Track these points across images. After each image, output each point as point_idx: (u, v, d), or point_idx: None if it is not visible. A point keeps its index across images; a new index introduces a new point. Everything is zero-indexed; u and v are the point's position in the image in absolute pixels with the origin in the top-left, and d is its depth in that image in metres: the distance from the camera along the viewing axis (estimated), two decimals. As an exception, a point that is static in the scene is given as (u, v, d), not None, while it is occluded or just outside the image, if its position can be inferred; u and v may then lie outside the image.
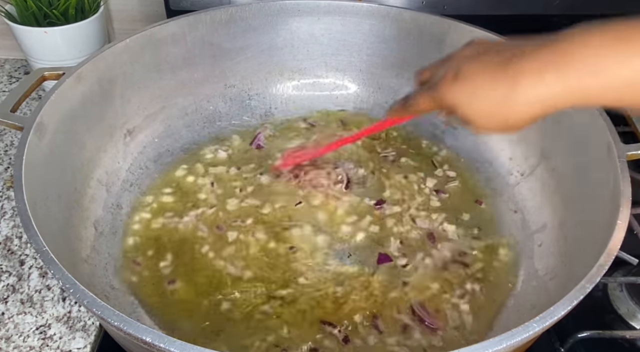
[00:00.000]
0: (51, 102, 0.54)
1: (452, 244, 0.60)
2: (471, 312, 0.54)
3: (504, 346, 0.35)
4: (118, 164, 0.64)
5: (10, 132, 0.78)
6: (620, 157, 0.50)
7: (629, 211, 0.45)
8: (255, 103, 0.77)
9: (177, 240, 0.59)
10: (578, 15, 0.81)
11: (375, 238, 0.60)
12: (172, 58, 0.69)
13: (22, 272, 0.60)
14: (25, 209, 0.43)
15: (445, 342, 0.51)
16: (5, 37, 0.87)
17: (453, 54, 0.45)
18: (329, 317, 0.52)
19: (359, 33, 0.74)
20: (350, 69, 0.77)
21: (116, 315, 0.36)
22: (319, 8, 0.73)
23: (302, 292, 0.54)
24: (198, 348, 0.33)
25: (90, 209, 0.58)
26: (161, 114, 0.70)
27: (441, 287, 0.55)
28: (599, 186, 0.51)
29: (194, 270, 0.57)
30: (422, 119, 0.74)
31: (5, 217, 0.66)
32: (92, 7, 0.78)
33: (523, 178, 0.65)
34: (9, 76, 0.90)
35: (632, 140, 0.53)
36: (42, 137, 0.52)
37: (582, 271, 0.41)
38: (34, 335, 0.54)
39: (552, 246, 0.56)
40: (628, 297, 0.57)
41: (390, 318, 0.53)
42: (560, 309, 0.38)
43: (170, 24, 0.67)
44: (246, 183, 0.66)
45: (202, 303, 0.53)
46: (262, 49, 0.75)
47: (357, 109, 0.78)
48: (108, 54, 0.62)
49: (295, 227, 0.60)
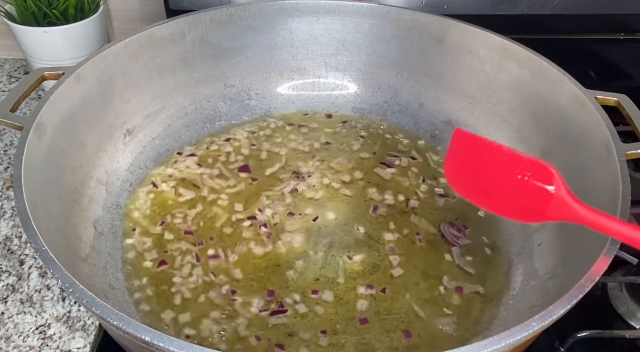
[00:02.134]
0: (51, 102, 0.54)
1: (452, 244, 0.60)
2: (471, 312, 0.54)
3: (504, 345, 0.35)
4: (118, 164, 0.64)
5: (10, 132, 0.78)
6: (620, 157, 0.50)
7: (628, 210, 0.45)
8: (255, 103, 0.77)
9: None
10: (578, 15, 0.82)
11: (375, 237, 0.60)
12: (172, 58, 0.69)
13: (22, 272, 0.60)
14: (25, 209, 0.43)
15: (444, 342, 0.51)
16: (5, 37, 0.87)
17: None
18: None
19: (359, 33, 0.74)
20: (350, 69, 0.77)
21: (116, 315, 0.36)
22: (319, 8, 0.73)
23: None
24: (198, 348, 0.33)
25: (90, 209, 0.58)
26: (161, 114, 0.70)
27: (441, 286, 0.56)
28: (599, 186, 0.51)
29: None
30: (422, 119, 0.74)
31: (5, 217, 0.66)
32: (92, 7, 0.78)
33: (523, 178, 0.65)
34: (9, 76, 0.90)
35: (632, 140, 0.52)
36: (42, 137, 0.52)
37: (582, 271, 0.41)
38: (34, 335, 0.54)
39: (551, 246, 0.56)
40: (628, 297, 0.57)
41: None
42: (560, 309, 0.38)
43: (170, 24, 0.67)
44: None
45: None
46: (262, 49, 0.75)
47: (357, 109, 0.78)
48: (108, 54, 0.62)
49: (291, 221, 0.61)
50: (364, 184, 0.66)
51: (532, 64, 0.63)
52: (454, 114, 0.72)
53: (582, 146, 0.56)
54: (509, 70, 0.66)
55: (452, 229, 0.61)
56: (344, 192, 0.65)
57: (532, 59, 0.63)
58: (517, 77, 0.65)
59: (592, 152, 0.54)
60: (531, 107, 0.64)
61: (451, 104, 0.72)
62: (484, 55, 0.67)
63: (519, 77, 0.65)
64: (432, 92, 0.74)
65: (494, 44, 0.66)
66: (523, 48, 0.64)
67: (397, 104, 0.76)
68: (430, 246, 0.60)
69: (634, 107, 0.56)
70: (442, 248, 0.59)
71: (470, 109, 0.71)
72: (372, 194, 0.65)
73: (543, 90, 0.62)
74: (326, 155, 0.70)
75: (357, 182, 0.66)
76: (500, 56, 0.66)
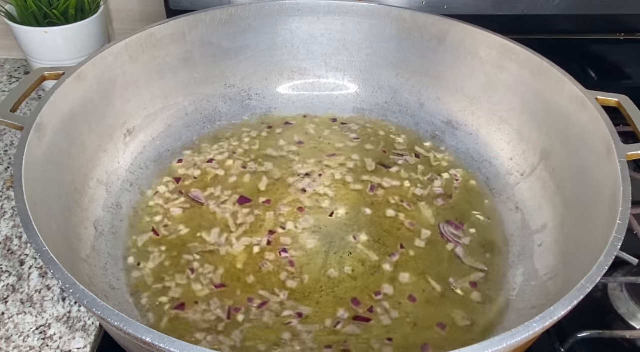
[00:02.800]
0: (51, 102, 0.54)
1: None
2: (471, 312, 0.54)
3: (504, 346, 0.35)
4: (118, 164, 0.64)
5: (10, 132, 0.78)
6: (620, 157, 0.50)
7: (629, 210, 0.45)
8: (255, 103, 0.77)
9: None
10: (578, 15, 0.81)
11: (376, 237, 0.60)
12: (172, 58, 0.69)
13: (22, 272, 0.60)
14: (25, 209, 0.43)
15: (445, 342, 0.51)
16: (5, 37, 0.87)
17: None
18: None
19: (359, 33, 0.74)
20: (350, 69, 0.77)
21: (116, 315, 0.36)
22: (319, 8, 0.73)
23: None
24: (198, 348, 0.33)
25: (90, 209, 0.58)
26: (161, 114, 0.70)
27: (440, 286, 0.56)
28: (599, 186, 0.51)
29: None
30: (422, 119, 0.74)
31: (5, 217, 0.66)
32: (92, 7, 0.78)
33: (523, 178, 0.65)
34: (9, 76, 0.90)
35: (632, 140, 0.53)
36: (42, 137, 0.52)
37: (582, 271, 0.41)
38: (34, 335, 0.54)
39: (552, 246, 0.56)
40: (628, 297, 0.57)
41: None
42: (560, 309, 0.38)
43: (170, 24, 0.67)
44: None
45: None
46: (262, 49, 0.75)
47: (357, 110, 0.78)
48: (108, 54, 0.62)
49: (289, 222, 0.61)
50: (362, 186, 0.66)
51: (532, 64, 0.63)
52: (454, 114, 0.72)
53: (582, 146, 0.56)
54: (509, 70, 0.66)
55: (451, 228, 0.61)
56: (343, 192, 0.65)
57: (532, 59, 0.63)
58: (517, 77, 0.65)
59: (592, 152, 0.54)
60: (531, 107, 0.64)
61: (451, 104, 0.72)
62: (484, 55, 0.67)
63: (519, 77, 0.65)
64: (432, 92, 0.74)
65: (494, 44, 0.66)
66: (523, 48, 0.64)
67: (397, 104, 0.76)
68: (430, 246, 0.60)
69: (634, 107, 0.56)
70: (442, 248, 0.59)
71: (470, 109, 0.71)
72: (373, 194, 0.65)
73: (543, 90, 0.62)
74: (326, 155, 0.70)
75: (357, 183, 0.66)
76: (500, 56, 0.66)
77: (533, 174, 0.63)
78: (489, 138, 0.70)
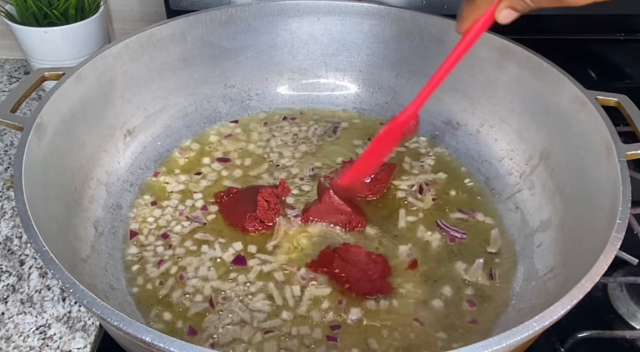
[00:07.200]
0: (51, 102, 0.54)
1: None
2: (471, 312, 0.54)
3: (504, 346, 0.35)
4: (118, 164, 0.64)
5: (10, 132, 0.78)
6: (620, 157, 0.50)
7: (628, 210, 0.45)
8: (255, 103, 0.77)
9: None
10: (578, 15, 0.81)
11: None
12: (172, 58, 0.69)
13: (22, 272, 0.60)
14: (25, 209, 0.43)
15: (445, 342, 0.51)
16: (5, 37, 0.87)
17: None
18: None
19: (359, 33, 0.74)
20: (350, 69, 0.77)
21: (116, 315, 0.36)
22: (319, 8, 0.73)
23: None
24: (198, 348, 0.33)
25: (90, 209, 0.58)
26: (161, 114, 0.70)
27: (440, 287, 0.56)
28: (599, 186, 0.51)
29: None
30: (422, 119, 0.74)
31: (5, 217, 0.66)
32: (92, 7, 0.78)
33: (523, 178, 0.65)
34: (9, 76, 0.90)
35: (632, 140, 0.53)
36: (42, 137, 0.52)
37: (581, 271, 0.41)
38: (34, 335, 0.54)
39: (552, 246, 0.56)
40: (628, 297, 0.57)
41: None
42: (560, 309, 0.38)
43: (170, 24, 0.67)
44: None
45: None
46: (262, 49, 0.75)
47: (358, 109, 0.78)
48: (108, 54, 0.62)
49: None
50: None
51: (532, 64, 0.63)
52: (454, 114, 0.72)
53: (582, 146, 0.56)
54: (509, 71, 0.66)
55: (451, 228, 0.61)
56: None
57: (532, 59, 0.63)
58: (517, 78, 0.65)
59: (592, 152, 0.54)
60: (531, 108, 0.64)
61: (451, 104, 0.72)
62: (484, 55, 0.67)
63: (518, 77, 0.65)
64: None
65: (494, 44, 0.66)
66: (523, 48, 0.64)
67: (397, 104, 0.76)
68: (430, 246, 0.60)
69: (634, 107, 0.56)
70: (443, 248, 0.59)
71: (470, 109, 0.71)
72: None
73: (543, 90, 0.62)
74: (325, 156, 0.70)
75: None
76: (500, 56, 0.66)
77: (533, 174, 0.63)
78: (489, 138, 0.70)
